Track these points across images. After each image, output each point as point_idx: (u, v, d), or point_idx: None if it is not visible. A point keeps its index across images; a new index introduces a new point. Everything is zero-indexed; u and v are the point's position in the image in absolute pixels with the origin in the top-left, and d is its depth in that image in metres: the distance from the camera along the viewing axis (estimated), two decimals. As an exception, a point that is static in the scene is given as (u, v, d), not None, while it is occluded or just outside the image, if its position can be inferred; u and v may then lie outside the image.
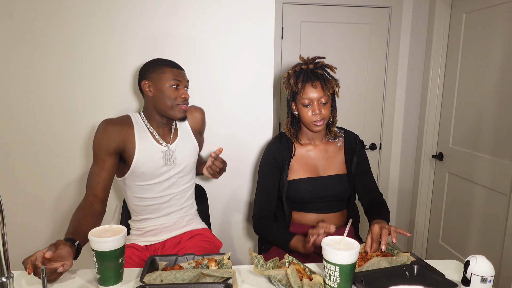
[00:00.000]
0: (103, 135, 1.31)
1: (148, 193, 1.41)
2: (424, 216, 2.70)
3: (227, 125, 1.85)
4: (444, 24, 2.44)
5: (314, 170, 1.50)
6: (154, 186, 1.41)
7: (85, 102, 1.74)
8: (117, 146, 1.32)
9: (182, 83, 1.38)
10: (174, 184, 1.45)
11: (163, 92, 1.36)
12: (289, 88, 1.45)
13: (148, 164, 1.37)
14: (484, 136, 2.13)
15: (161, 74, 1.37)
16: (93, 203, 1.27)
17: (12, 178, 1.76)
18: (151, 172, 1.39)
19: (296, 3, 2.58)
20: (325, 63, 1.45)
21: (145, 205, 1.43)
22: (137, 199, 1.42)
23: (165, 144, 1.42)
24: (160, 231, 1.46)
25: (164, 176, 1.42)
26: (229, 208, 1.94)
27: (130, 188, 1.42)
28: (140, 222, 1.46)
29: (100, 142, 1.31)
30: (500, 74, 2.00)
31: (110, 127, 1.33)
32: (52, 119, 1.74)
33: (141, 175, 1.38)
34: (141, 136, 1.38)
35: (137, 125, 1.40)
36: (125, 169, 1.38)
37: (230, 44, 1.78)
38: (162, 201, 1.44)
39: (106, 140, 1.31)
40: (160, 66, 1.38)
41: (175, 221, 1.48)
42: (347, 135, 1.56)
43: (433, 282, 1.00)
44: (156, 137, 1.41)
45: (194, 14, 1.73)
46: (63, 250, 0.99)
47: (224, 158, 1.85)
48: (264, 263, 1.03)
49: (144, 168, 1.37)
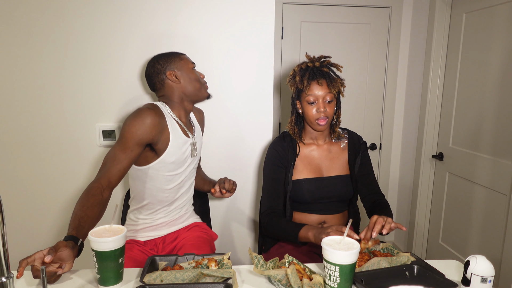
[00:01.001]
0: (141, 125, 1.26)
1: (169, 183, 1.43)
2: (424, 216, 2.70)
3: (227, 125, 1.85)
4: (444, 24, 2.44)
5: (318, 171, 1.49)
6: (176, 177, 1.44)
7: (87, 102, 1.74)
8: (152, 138, 1.29)
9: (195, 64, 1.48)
10: (190, 174, 1.51)
11: (189, 75, 1.43)
12: (294, 85, 1.45)
13: (177, 154, 1.40)
14: (484, 136, 2.13)
15: (180, 61, 1.43)
16: (104, 189, 1.21)
17: (12, 179, 1.76)
18: (179, 162, 1.42)
19: (296, 3, 2.58)
20: (331, 62, 1.45)
21: (162, 196, 1.43)
22: (157, 189, 1.41)
23: (191, 136, 1.47)
24: (161, 226, 1.48)
25: (187, 167, 1.48)
26: (230, 208, 1.94)
27: (152, 178, 1.39)
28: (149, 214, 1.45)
29: (136, 131, 1.25)
30: (500, 74, 2.00)
31: (151, 119, 1.28)
32: (53, 119, 1.74)
33: (168, 166, 1.39)
34: (173, 127, 1.40)
35: (168, 116, 1.40)
36: (153, 158, 1.36)
37: (230, 44, 1.78)
38: (175, 193, 1.46)
39: (144, 131, 1.26)
40: (175, 55, 1.45)
41: (179, 216, 1.51)
42: (351, 136, 1.55)
43: (433, 282, 1.00)
44: (184, 128, 1.45)
45: (195, 14, 1.73)
46: (63, 252, 0.98)
47: (224, 158, 1.87)
48: (264, 263, 1.03)
49: (174, 158, 1.39)
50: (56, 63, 1.70)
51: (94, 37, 1.69)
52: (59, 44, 1.68)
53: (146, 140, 1.28)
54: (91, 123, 1.76)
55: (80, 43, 1.69)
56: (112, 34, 1.70)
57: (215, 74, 1.79)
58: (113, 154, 1.25)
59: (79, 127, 1.76)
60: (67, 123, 1.75)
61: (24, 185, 1.78)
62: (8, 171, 1.76)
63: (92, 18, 1.68)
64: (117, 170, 1.24)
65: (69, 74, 1.71)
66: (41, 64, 1.69)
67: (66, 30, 1.67)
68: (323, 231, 1.17)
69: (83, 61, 1.71)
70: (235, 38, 1.77)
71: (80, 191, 1.82)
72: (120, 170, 1.25)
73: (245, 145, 1.88)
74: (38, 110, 1.73)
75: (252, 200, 1.95)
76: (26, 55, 1.67)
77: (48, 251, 0.95)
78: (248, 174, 1.92)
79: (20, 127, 1.73)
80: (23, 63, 1.68)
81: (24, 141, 1.74)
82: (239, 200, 1.94)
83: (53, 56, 1.69)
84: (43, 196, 1.80)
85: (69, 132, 1.76)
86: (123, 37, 1.71)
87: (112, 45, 1.71)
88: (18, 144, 1.74)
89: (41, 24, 1.66)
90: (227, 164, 1.87)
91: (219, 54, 1.78)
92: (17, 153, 1.75)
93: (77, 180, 1.81)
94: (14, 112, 1.72)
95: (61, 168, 1.78)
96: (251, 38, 1.78)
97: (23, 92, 1.70)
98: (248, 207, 1.96)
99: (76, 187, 1.82)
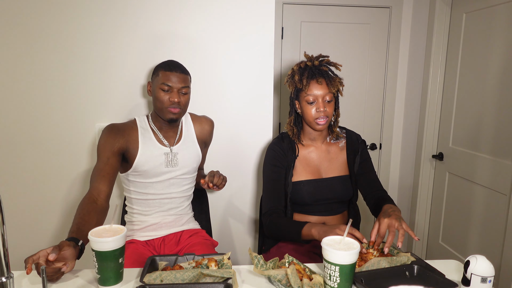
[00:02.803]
0: (108, 136, 1.39)
1: (150, 189, 1.47)
2: (424, 216, 2.70)
3: (227, 125, 1.85)
4: (444, 24, 2.44)
5: (316, 172, 1.49)
6: (155, 184, 1.47)
7: (86, 101, 1.74)
8: (120, 146, 1.39)
9: (173, 87, 1.40)
10: (174, 184, 1.50)
11: (156, 93, 1.42)
12: (293, 85, 1.43)
13: (149, 163, 1.43)
14: (484, 136, 2.13)
15: (156, 76, 1.43)
16: (97, 198, 1.27)
17: (12, 178, 1.76)
18: (152, 171, 1.44)
19: (296, 3, 2.58)
20: (330, 61, 1.44)
21: (146, 199, 1.48)
22: (139, 193, 1.47)
23: (168, 146, 1.47)
24: (160, 226, 1.49)
25: (165, 176, 1.47)
26: (229, 208, 1.94)
27: (133, 183, 1.47)
28: (141, 215, 1.49)
29: (104, 143, 1.38)
30: (500, 74, 2.00)
31: (114, 129, 1.41)
32: (54, 119, 1.74)
33: (143, 173, 1.44)
34: (145, 137, 1.45)
35: (142, 127, 1.47)
36: (128, 166, 1.44)
37: (230, 44, 1.78)
38: (162, 197, 1.48)
39: (111, 140, 1.38)
40: (158, 69, 1.44)
41: (175, 218, 1.52)
42: (349, 135, 1.54)
43: (433, 282, 1.00)
44: (160, 138, 1.47)
45: (195, 14, 1.73)
46: (67, 251, 0.99)
47: (224, 158, 1.87)
48: (264, 263, 1.03)
49: (146, 167, 1.43)
50: (56, 63, 1.70)
51: (95, 38, 1.69)
52: (59, 45, 1.68)
53: (116, 148, 1.38)
54: (91, 122, 1.76)
55: (81, 43, 1.69)
56: (113, 34, 1.70)
57: (215, 74, 1.79)
58: (95, 167, 1.36)
59: (79, 127, 1.76)
60: (67, 122, 1.75)
61: (24, 185, 1.78)
62: (8, 171, 1.76)
63: (93, 18, 1.68)
64: (102, 177, 1.33)
65: (69, 74, 1.71)
66: (41, 64, 1.69)
67: (67, 31, 1.67)
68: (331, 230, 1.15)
69: (84, 61, 1.71)
70: (235, 38, 1.77)
71: (80, 191, 1.82)
72: (105, 176, 1.33)
73: (245, 145, 1.88)
74: (38, 109, 1.73)
75: (252, 200, 1.95)
76: (26, 55, 1.68)
77: (53, 250, 0.96)
78: (248, 174, 1.92)
79: (20, 126, 1.73)
80: (24, 63, 1.68)
81: (24, 141, 1.74)
82: (239, 200, 1.94)
83: (53, 56, 1.69)
84: (43, 195, 1.80)
85: (69, 131, 1.76)
86: (124, 37, 1.71)
87: (112, 45, 1.71)
88: (18, 144, 1.74)
89: (41, 25, 1.66)
90: (227, 164, 1.87)
91: (219, 54, 1.78)
92: (17, 153, 1.75)
93: (77, 180, 1.81)
94: (14, 112, 1.72)
95: (61, 168, 1.78)
96: (251, 38, 1.78)
97: (23, 92, 1.70)
98: (248, 207, 1.96)
99: (76, 186, 1.82)
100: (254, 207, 1.96)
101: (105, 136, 1.40)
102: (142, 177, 1.45)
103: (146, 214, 1.49)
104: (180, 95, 1.42)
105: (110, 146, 1.37)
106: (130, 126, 1.46)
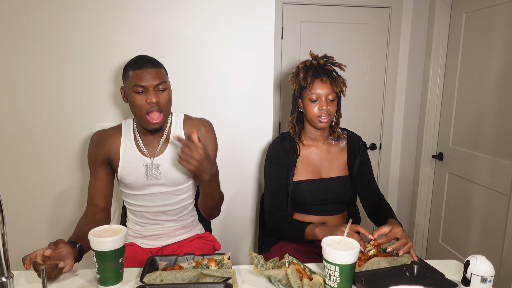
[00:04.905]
0: (91, 147, 1.34)
1: (141, 201, 1.37)
2: (424, 216, 2.70)
3: (227, 125, 1.85)
4: (444, 24, 2.44)
5: (317, 172, 1.49)
6: (145, 197, 1.35)
7: (87, 102, 1.74)
8: (103, 158, 1.32)
9: (148, 86, 1.19)
10: (166, 197, 1.35)
11: (130, 99, 1.23)
12: (297, 83, 1.44)
13: (132, 176, 1.30)
14: (484, 136, 2.13)
15: (126, 79, 1.22)
16: (95, 213, 1.28)
17: (12, 178, 1.76)
18: (136, 184, 1.31)
19: (296, 3, 2.58)
20: (334, 61, 1.46)
21: (140, 211, 1.39)
22: (133, 205, 1.40)
23: (149, 157, 1.30)
24: (159, 237, 1.42)
25: (152, 189, 1.32)
26: (230, 208, 1.94)
27: (125, 195, 1.41)
28: (138, 225, 1.43)
29: (90, 154, 1.34)
30: (500, 74, 2.00)
31: (97, 139, 1.34)
32: (53, 120, 1.74)
33: (128, 185, 1.34)
34: (126, 147, 1.31)
35: (125, 134, 1.32)
36: (116, 177, 1.37)
37: (230, 44, 1.78)
38: (156, 210, 1.37)
39: (94, 151, 1.33)
40: (127, 69, 1.23)
41: (173, 230, 1.43)
42: (350, 136, 1.55)
43: (433, 282, 1.00)
44: (141, 148, 1.31)
45: (194, 14, 1.73)
46: (63, 249, 0.99)
47: (224, 158, 1.86)
48: (264, 263, 1.03)
49: (130, 179, 1.31)
50: (56, 63, 1.70)
51: (95, 38, 1.69)
52: (59, 45, 1.68)
53: (99, 159, 1.32)
54: (91, 123, 1.76)
55: (81, 43, 1.69)
56: (113, 34, 1.70)
57: (215, 74, 1.79)
58: (89, 181, 1.35)
59: (79, 127, 1.76)
60: (67, 122, 1.75)
61: (24, 185, 1.78)
62: (8, 171, 1.76)
63: (93, 18, 1.68)
64: (94, 193, 1.32)
65: (69, 74, 1.71)
66: (42, 64, 1.69)
67: (67, 31, 1.67)
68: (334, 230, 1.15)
69: (84, 61, 1.71)
70: (235, 38, 1.77)
71: (81, 191, 1.82)
72: (97, 192, 1.31)
73: (245, 145, 1.88)
74: (39, 110, 1.73)
75: (252, 200, 1.95)
76: (26, 56, 1.68)
77: (48, 246, 0.97)
78: (248, 174, 1.92)
79: (20, 126, 1.73)
80: (24, 64, 1.68)
81: (25, 141, 1.74)
82: (239, 200, 1.94)
83: (53, 56, 1.69)
84: (43, 196, 1.80)
85: (69, 131, 1.76)
86: (124, 37, 1.71)
87: (112, 45, 1.71)
88: (19, 144, 1.74)
89: (41, 25, 1.66)
90: (227, 164, 1.87)
91: (219, 54, 1.78)
92: (17, 153, 1.75)
93: (78, 180, 1.81)
94: (14, 112, 1.72)
95: (61, 168, 1.78)
96: (251, 38, 1.78)
97: (23, 92, 1.70)
98: (248, 207, 1.96)
99: (77, 187, 1.82)
100: (254, 207, 1.96)
101: (90, 146, 1.34)
102: (130, 189, 1.35)
103: (142, 225, 1.41)
104: (158, 94, 1.21)
105: (94, 158, 1.32)
106: (114, 133, 1.33)
